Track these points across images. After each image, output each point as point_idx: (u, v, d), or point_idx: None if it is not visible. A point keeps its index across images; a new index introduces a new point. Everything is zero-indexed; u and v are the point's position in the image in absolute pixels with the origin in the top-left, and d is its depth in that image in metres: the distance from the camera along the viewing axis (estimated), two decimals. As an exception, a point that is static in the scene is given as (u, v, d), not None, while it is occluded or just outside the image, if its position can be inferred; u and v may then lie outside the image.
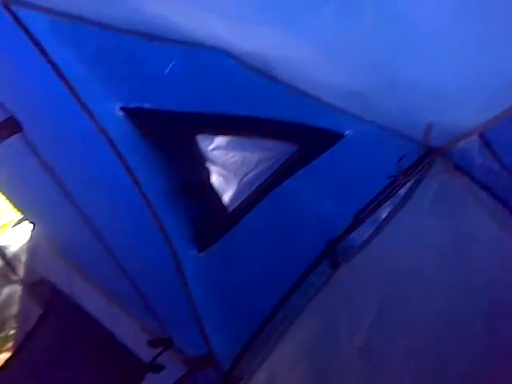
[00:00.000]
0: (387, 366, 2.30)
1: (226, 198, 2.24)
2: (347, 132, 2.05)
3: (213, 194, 2.22)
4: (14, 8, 1.64)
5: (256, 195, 2.23)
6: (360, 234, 2.37)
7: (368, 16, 1.16)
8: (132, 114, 1.88)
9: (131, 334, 3.15)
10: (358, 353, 2.33)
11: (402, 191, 2.14)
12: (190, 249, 2.39)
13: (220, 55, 1.67)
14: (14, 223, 4.34)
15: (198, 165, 2.12)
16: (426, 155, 2.04)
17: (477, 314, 2.10)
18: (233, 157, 2.13)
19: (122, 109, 1.86)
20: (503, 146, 1.82)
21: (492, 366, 2.15)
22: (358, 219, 2.37)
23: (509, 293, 2.09)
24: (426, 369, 2.23)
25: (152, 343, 2.90)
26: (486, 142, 1.83)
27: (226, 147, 2.11)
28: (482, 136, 1.81)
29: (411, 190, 2.10)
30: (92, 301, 3.30)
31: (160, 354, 2.94)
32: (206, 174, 2.16)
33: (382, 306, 2.29)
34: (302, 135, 2.08)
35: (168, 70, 1.75)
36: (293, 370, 2.53)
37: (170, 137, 2.02)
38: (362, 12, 1.15)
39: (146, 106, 1.86)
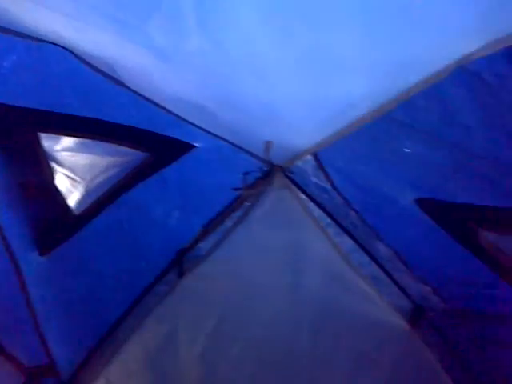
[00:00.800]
0: (223, 372, 2.37)
1: (72, 200, 2.18)
2: (197, 144, 2.11)
3: (57, 196, 2.14)
4: None
5: (104, 200, 2.20)
6: (207, 244, 2.45)
7: (194, 35, 1.22)
8: (-34, 105, 1.76)
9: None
10: (197, 360, 2.38)
11: (246, 205, 2.26)
12: (30, 252, 2.28)
13: (64, 53, 1.62)
14: None
15: (41, 164, 2.04)
16: (267, 172, 2.17)
17: (303, 323, 2.28)
18: (81, 159, 2.08)
19: (-45, 100, 1.75)
20: (333, 168, 1.98)
21: (315, 372, 2.32)
22: (207, 230, 2.44)
23: (332, 307, 2.28)
24: (257, 373, 2.35)
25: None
26: (319, 163, 1.98)
27: (74, 149, 2.06)
28: (315, 156, 1.96)
29: (253, 205, 2.22)
30: None
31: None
32: (50, 174, 2.08)
33: (222, 314, 2.38)
34: (152, 143, 2.10)
35: (8, 62, 1.68)
36: (132, 379, 2.51)
37: (10, 133, 1.91)
38: (187, 30, 1.21)
39: (-18, 97, 1.76)
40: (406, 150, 1.56)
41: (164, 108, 1.86)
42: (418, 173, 1.60)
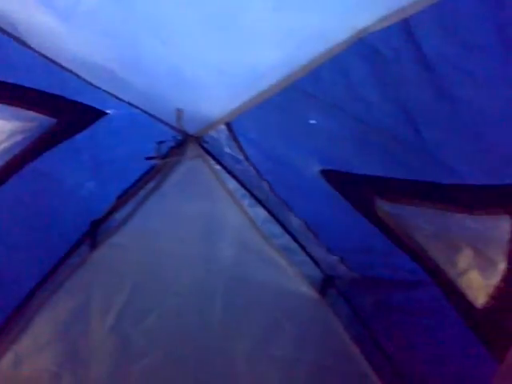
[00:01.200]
0: (135, 343, 2.37)
1: (-26, 169, 2.07)
2: (109, 111, 2.05)
3: (-45, 163, 2.03)
4: None
5: (9, 168, 2.09)
6: (121, 215, 2.41)
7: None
8: None
9: None
10: (109, 332, 2.37)
11: (160, 175, 2.24)
12: None
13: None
14: None
15: None
16: (181, 141, 2.16)
17: (216, 294, 2.32)
18: (-17, 124, 1.98)
19: None
20: (246, 138, 2.00)
21: (227, 341, 2.38)
22: (121, 200, 2.40)
23: (245, 278, 2.33)
24: (170, 344, 2.37)
25: None
26: (232, 133, 1.99)
27: (-24, 112, 1.95)
28: (228, 126, 1.96)
29: (166, 175, 2.20)
30: None
31: None
32: None
33: (135, 285, 2.36)
34: (61, 108, 2.01)
35: None
36: (42, 352, 2.45)
37: None
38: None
39: None
40: (312, 121, 1.60)
41: (72, 72, 1.80)
42: (323, 144, 1.64)
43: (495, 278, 1.41)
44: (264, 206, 2.27)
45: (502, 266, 1.37)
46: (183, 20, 1.33)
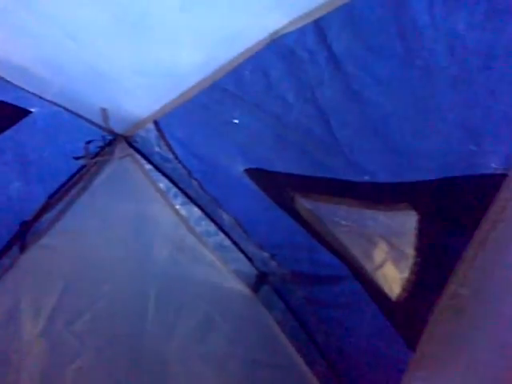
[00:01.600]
0: (67, 346, 2.33)
1: None
2: (33, 109, 2.00)
3: None
4: None
5: None
6: (51, 216, 2.36)
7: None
8: None
9: None
10: (40, 334, 2.31)
11: (89, 175, 2.21)
12: None
13: None
14: None
15: None
16: (110, 141, 2.13)
17: (149, 295, 2.32)
18: None
19: None
20: (173, 137, 2.00)
21: (160, 341, 2.38)
22: (51, 201, 2.35)
23: (178, 278, 2.33)
24: (103, 346, 2.34)
25: None
26: (161, 132, 1.98)
27: None
28: (156, 126, 1.95)
29: (95, 175, 2.17)
30: None
31: None
32: None
33: (66, 287, 2.31)
34: (-18, 108, 1.96)
35: None
36: (-29, 359, 2.37)
37: None
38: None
39: None
40: (235, 120, 1.62)
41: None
42: (246, 143, 1.67)
43: (407, 271, 1.48)
44: (197, 205, 2.28)
45: (413, 259, 1.44)
46: (92, 19, 1.32)
